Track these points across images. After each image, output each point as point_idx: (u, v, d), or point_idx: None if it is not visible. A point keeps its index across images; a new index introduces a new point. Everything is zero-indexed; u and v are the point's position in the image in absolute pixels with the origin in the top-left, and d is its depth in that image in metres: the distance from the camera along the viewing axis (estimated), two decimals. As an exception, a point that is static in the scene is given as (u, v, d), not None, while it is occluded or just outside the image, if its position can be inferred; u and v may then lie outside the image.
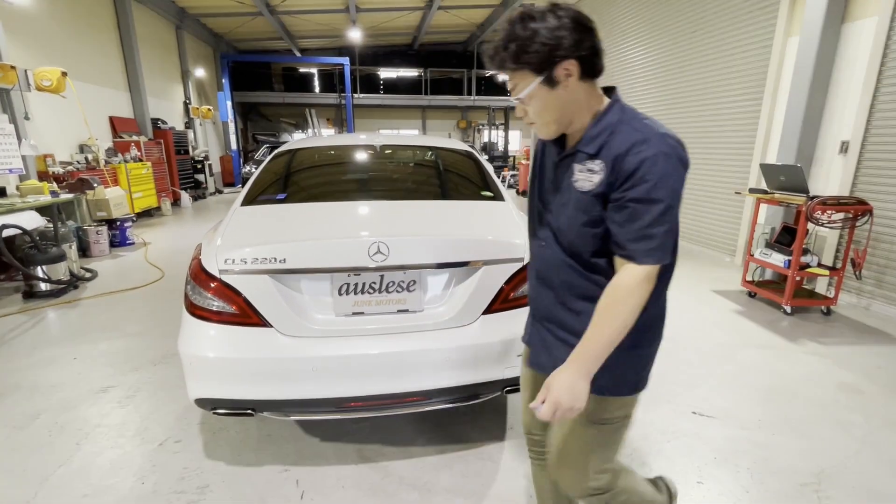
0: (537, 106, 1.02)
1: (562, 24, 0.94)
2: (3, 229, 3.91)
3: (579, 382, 1.00)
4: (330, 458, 2.04)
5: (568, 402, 1.00)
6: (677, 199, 0.96)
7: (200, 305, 1.78)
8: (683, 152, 0.97)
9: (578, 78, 0.98)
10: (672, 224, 0.96)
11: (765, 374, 2.81)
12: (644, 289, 0.97)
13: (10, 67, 5.48)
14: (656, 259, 0.96)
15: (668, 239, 0.97)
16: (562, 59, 0.95)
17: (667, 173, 0.94)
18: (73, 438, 2.18)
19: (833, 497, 1.84)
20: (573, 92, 1.00)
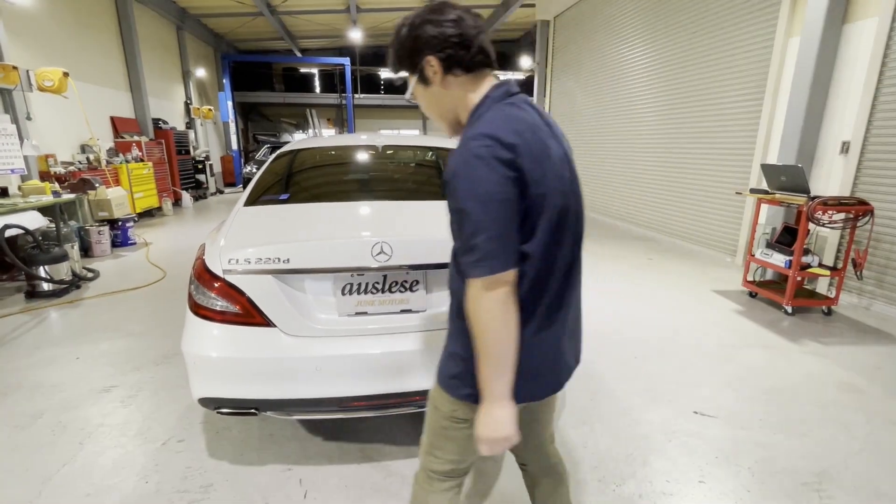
0: (422, 104, 1.08)
1: (422, 20, 0.98)
2: (6, 229, 3.93)
3: (491, 412, 0.97)
4: (333, 458, 2.05)
5: (491, 434, 0.97)
6: (491, 203, 0.88)
7: (204, 305, 1.79)
8: (501, 150, 0.89)
9: (444, 73, 1.00)
10: (493, 231, 0.89)
11: (766, 374, 2.81)
12: (488, 300, 0.91)
13: (11, 68, 5.49)
14: (484, 270, 0.90)
15: (492, 246, 0.89)
16: (423, 55, 0.99)
17: (473, 178, 0.89)
18: (76, 438, 2.19)
19: (835, 497, 1.85)
20: (447, 88, 1.01)
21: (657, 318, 3.68)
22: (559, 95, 10.01)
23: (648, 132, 6.84)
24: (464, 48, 0.98)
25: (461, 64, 0.99)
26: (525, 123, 0.94)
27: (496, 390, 0.96)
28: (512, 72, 19.23)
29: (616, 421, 2.33)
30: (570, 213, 1.00)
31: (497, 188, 0.89)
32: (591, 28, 8.38)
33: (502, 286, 0.92)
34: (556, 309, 1.04)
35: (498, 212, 0.89)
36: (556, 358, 1.08)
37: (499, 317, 0.92)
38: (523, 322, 0.98)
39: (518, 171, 0.90)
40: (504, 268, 0.91)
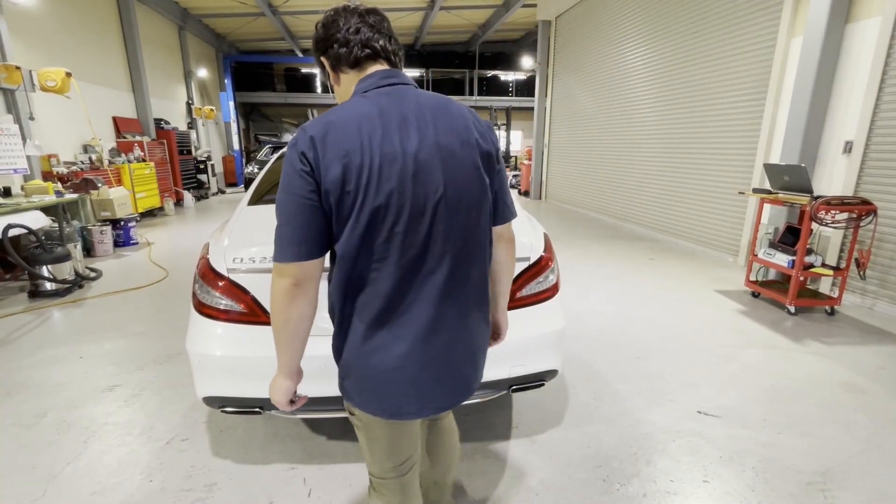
0: (336, 99, 1.12)
1: (319, 24, 1.06)
2: (9, 229, 3.94)
3: (276, 377, 1.08)
4: (336, 457, 2.05)
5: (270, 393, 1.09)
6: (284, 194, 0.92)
7: (208, 304, 1.79)
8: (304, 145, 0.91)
9: (334, 71, 1.06)
10: (282, 220, 0.93)
11: (769, 374, 2.81)
12: (275, 284, 0.95)
13: (15, 68, 5.51)
14: (274, 255, 0.94)
15: (279, 235, 0.94)
16: (318, 56, 1.08)
17: (283, 168, 0.94)
18: (81, 436, 2.19)
19: (839, 497, 1.85)
20: (340, 84, 1.08)
21: (659, 318, 3.68)
22: (561, 95, 10.01)
23: (650, 132, 6.83)
24: (343, 45, 1.02)
25: (343, 61, 1.03)
26: (351, 116, 0.93)
27: (279, 361, 1.04)
28: (513, 72, 19.26)
29: (619, 421, 2.33)
30: (401, 218, 0.93)
31: (287, 180, 0.92)
32: (592, 28, 8.37)
33: (287, 276, 0.93)
34: (391, 322, 0.98)
35: (288, 204, 0.92)
36: (391, 378, 1.00)
37: (279, 303, 0.95)
38: (349, 331, 1.01)
39: (310, 166, 0.90)
40: (284, 258, 0.92)
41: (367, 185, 0.90)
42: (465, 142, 1.00)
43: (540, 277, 1.93)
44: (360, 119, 0.93)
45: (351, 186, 0.90)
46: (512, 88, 19.63)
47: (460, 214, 0.99)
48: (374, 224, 0.93)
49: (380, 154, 0.91)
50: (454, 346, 1.03)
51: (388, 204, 0.92)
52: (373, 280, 0.96)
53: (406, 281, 0.97)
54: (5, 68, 5.46)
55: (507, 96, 19.31)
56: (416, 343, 0.99)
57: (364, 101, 0.96)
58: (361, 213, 0.91)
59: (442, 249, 0.98)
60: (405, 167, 0.93)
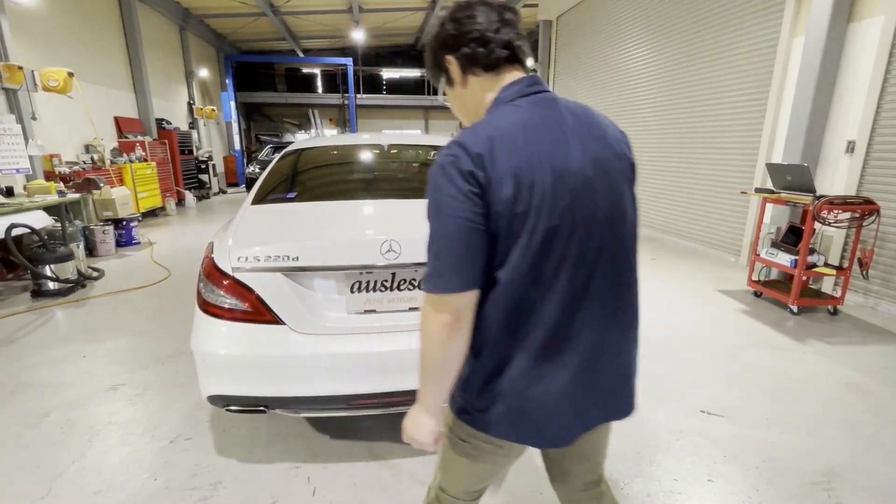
0: (451, 105, 1.04)
1: (446, 19, 0.94)
2: (12, 228, 3.94)
3: (417, 415, 0.96)
4: (341, 456, 2.05)
5: (409, 431, 0.97)
6: (443, 218, 0.82)
7: (213, 303, 1.79)
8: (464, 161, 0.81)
9: (463, 73, 0.94)
10: (441, 247, 0.83)
11: (772, 374, 2.81)
12: (431, 319, 0.85)
13: (17, 68, 5.52)
14: (430, 287, 0.84)
15: (438, 264, 0.83)
16: (444, 55, 0.95)
17: (434, 188, 0.84)
18: (85, 435, 2.19)
19: (843, 496, 1.85)
20: (468, 88, 0.96)
21: (662, 318, 3.68)
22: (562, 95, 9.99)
23: (652, 132, 6.83)
24: (482, 45, 0.90)
25: (479, 62, 0.92)
26: (513, 127, 0.84)
27: (426, 399, 0.94)
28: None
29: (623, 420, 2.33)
30: (573, 239, 0.86)
31: (449, 202, 0.81)
32: (593, 28, 8.37)
33: (448, 310, 0.84)
34: (557, 350, 0.90)
35: (449, 228, 0.82)
36: (554, 408, 0.92)
37: (438, 341, 0.86)
38: (506, 360, 0.90)
39: (480, 186, 0.81)
40: (447, 289, 0.83)
41: (540, 204, 0.82)
42: (618, 154, 0.92)
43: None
44: (523, 131, 0.84)
45: (523, 206, 0.82)
46: (513, 88, 19.59)
47: (619, 233, 0.92)
48: (546, 247, 0.84)
49: (550, 170, 0.83)
50: (614, 370, 0.98)
51: (562, 225, 0.84)
52: (539, 307, 0.87)
53: (573, 307, 0.89)
54: (7, 68, 5.47)
55: (507, 96, 19.28)
56: (581, 371, 0.92)
57: (518, 110, 0.88)
58: (534, 235, 0.83)
59: (605, 271, 0.91)
60: (575, 183, 0.85)
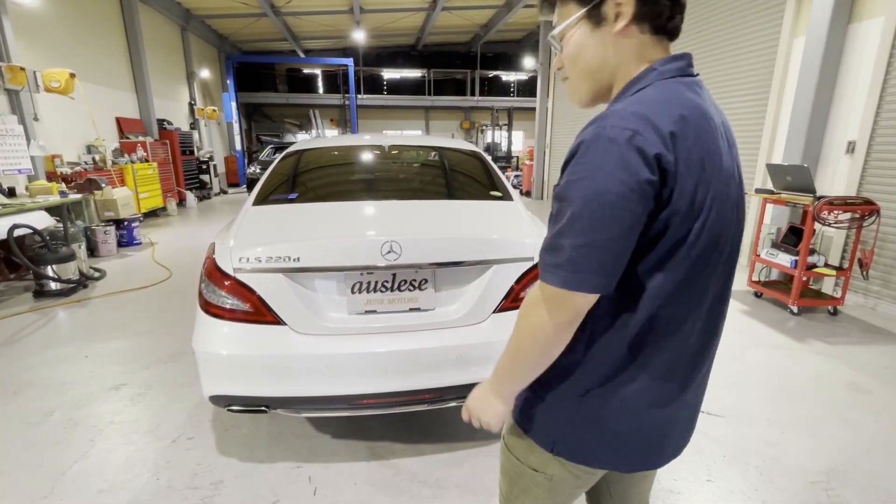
0: (573, 49, 0.77)
1: None
2: (15, 229, 3.95)
3: (488, 396, 0.87)
4: (342, 455, 2.06)
5: (476, 411, 0.89)
6: (600, 203, 0.66)
7: (215, 303, 1.80)
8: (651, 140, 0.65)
9: (631, 21, 0.72)
10: (587, 238, 0.67)
11: (772, 374, 2.81)
12: (545, 316, 0.72)
13: (19, 69, 5.54)
14: (559, 280, 0.69)
15: (579, 256, 0.68)
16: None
17: (590, 164, 0.67)
18: (88, 435, 2.21)
19: (843, 496, 1.85)
20: (622, 39, 0.74)
21: (662, 318, 3.68)
22: (562, 96, 10.01)
23: (652, 132, 6.83)
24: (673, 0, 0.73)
25: (656, 17, 0.73)
26: (698, 111, 0.70)
27: (504, 388, 0.85)
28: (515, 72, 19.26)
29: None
30: (724, 248, 0.76)
31: (617, 187, 0.65)
32: (594, 28, 8.37)
33: (568, 309, 0.71)
34: (680, 373, 0.80)
35: (607, 220, 0.66)
36: (661, 433, 0.84)
37: (546, 340, 0.74)
38: (625, 380, 0.78)
39: (664, 174, 0.66)
40: (579, 287, 0.69)
41: (711, 205, 0.70)
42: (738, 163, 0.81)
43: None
44: (704, 118, 0.71)
45: (699, 205, 0.69)
46: (513, 89, 19.64)
47: (735, 258, 0.82)
48: (706, 256, 0.73)
49: (721, 167, 0.72)
50: (702, 394, 0.91)
51: (723, 233, 0.74)
52: (680, 322, 0.76)
53: (705, 326, 0.80)
54: (10, 69, 5.49)
55: (508, 97, 19.32)
56: (693, 392, 0.85)
57: (690, 91, 0.72)
58: (699, 240, 0.71)
59: (725, 291, 0.82)
60: (737, 192, 0.76)
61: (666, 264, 0.72)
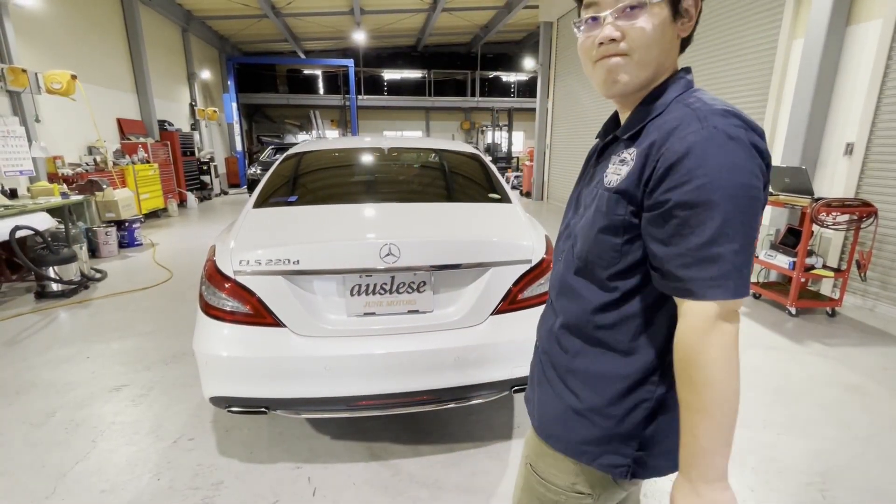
0: (650, 30, 0.73)
1: None
2: (17, 230, 3.98)
3: (707, 493, 0.68)
4: (341, 456, 2.08)
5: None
6: (748, 202, 0.65)
7: (215, 305, 1.82)
8: (756, 136, 0.67)
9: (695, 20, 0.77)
10: (744, 239, 0.65)
11: (770, 375, 2.83)
12: (723, 335, 0.67)
13: (21, 71, 5.56)
14: (729, 290, 0.65)
15: (741, 261, 0.65)
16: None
17: (725, 164, 0.64)
18: (89, 435, 2.23)
19: (838, 497, 1.87)
20: (675, 43, 0.77)
21: (661, 319, 3.70)
22: (563, 97, 10.02)
23: (652, 133, 6.84)
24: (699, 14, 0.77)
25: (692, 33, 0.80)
26: None
27: (720, 465, 0.67)
28: (515, 73, 19.28)
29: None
30: None
31: (756, 182, 0.66)
32: (594, 29, 8.39)
33: (737, 318, 0.68)
34: None
35: (753, 215, 0.66)
36: None
37: (732, 361, 0.67)
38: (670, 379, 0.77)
39: (768, 167, 0.70)
40: (747, 291, 0.67)
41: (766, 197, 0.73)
42: None
43: (541, 280, 1.96)
44: None
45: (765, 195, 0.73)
46: (514, 90, 19.67)
47: None
48: None
49: None
50: None
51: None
52: None
53: None
54: (11, 71, 5.51)
55: (508, 97, 19.34)
56: None
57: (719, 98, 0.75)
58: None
59: None
60: None
61: None
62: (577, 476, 0.85)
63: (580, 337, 0.83)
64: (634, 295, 0.77)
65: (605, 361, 0.80)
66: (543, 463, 0.89)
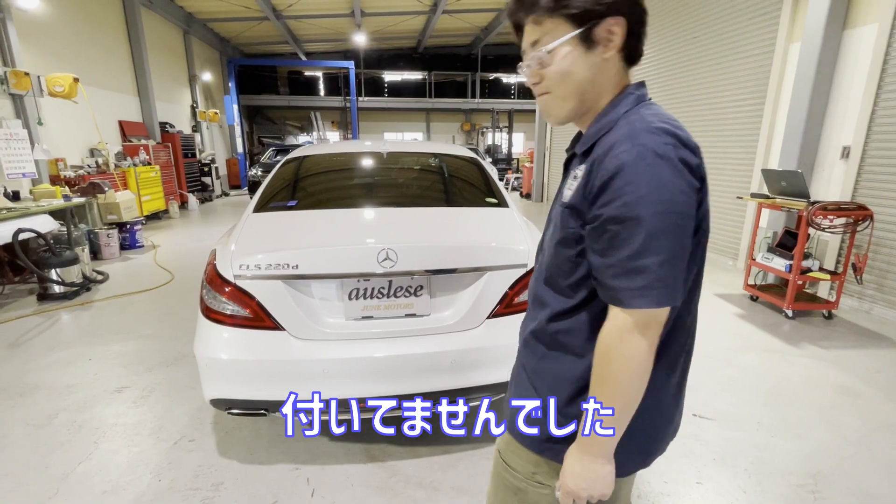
0: (561, 68, 0.79)
1: None
2: (19, 233, 4.02)
3: (591, 464, 0.80)
4: (339, 458, 2.10)
5: (583, 489, 0.80)
6: (674, 216, 0.70)
7: (215, 309, 1.85)
8: (686, 152, 0.72)
9: (619, 48, 0.78)
10: (669, 252, 0.70)
11: (765, 378, 2.85)
12: (637, 341, 0.73)
13: (24, 74, 5.61)
14: (650, 300, 0.71)
15: (665, 272, 0.70)
16: (609, 13, 0.75)
17: (652, 181, 0.69)
18: (92, 437, 2.26)
19: (828, 498, 1.89)
20: (607, 65, 0.79)
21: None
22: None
23: (651, 136, 6.87)
24: (642, 29, 0.81)
25: (634, 49, 0.81)
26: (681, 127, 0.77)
27: (606, 446, 0.79)
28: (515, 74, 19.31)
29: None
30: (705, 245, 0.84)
31: (683, 198, 0.70)
32: (593, 32, 8.42)
33: (657, 327, 0.74)
34: (686, 358, 0.90)
35: (681, 230, 0.71)
36: (670, 418, 0.91)
37: (641, 366, 0.74)
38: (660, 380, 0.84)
39: (702, 181, 0.74)
40: (672, 301, 0.73)
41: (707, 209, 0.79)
42: None
43: (537, 283, 1.98)
44: None
45: (705, 209, 0.78)
46: (514, 91, 19.70)
47: None
48: (702, 254, 0.81)
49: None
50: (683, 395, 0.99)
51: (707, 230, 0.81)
52: (689, 317, 0.86)
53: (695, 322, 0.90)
54: (14, 74, 5.56)
55: (509, 99, 19.39)
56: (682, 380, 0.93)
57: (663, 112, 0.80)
58: (703, 240, 0.80)
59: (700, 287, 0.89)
60: None
61: (694, 262, 0.79)
62: (536, 466, 0.91)
63: (544, 341, 0.89)
64: (588, 302, 0.83)
65: (563, 363, 0.86)
66: (509, 451, 0.95)
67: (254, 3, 10.87)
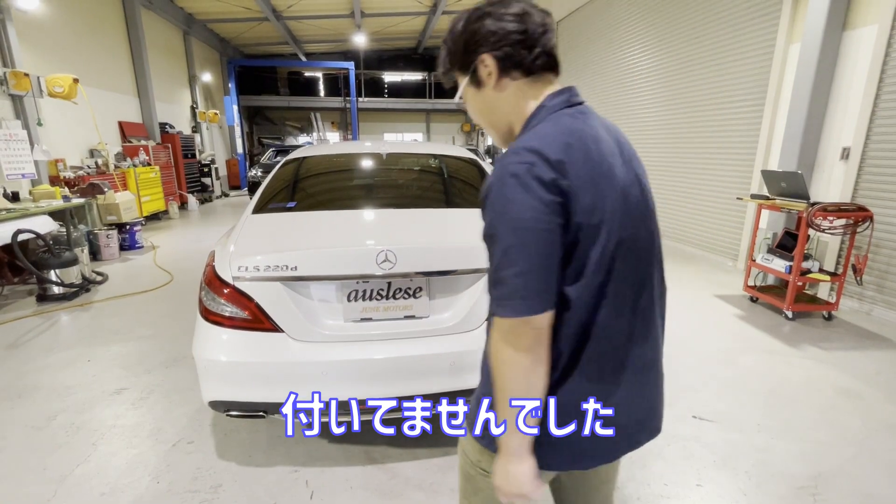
0: (471, 109, 0.95)
1: (481, 14, 0.86)
2: (19, 234, 4.01)
3: (507, 464, 0.85)
4: (338, 460, 2.10)
5: (510, 486, 0.86)
6: (524, 231, 0.75)
7: (214, 311, 1.84)
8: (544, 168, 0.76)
9: (499, 74, 0.86)
10: (523, 265, 0.75)
11: (765, 379, 2.85)
12: (509, 347, 0.78)
13: (23, 75, 5.60)
14: (510, 310, 0.76)
15: (521, 283, 0.76)
16: (478, 53, 0.86)
17: (504, 200, 0.76)
18: (90, 439, 2.25)
19: (829, 500, 1.89)
20: (502, 91, 0.88)
21: (658, 323, 3.72)
22: (562, 99, 10.03)
23: (651, 136, 6.87)
24: (526, 48, 0.85)
25: (520, 65, 0.86)
26: (582, 137, 0.81)
27: (510, 444, 0.84)
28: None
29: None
30: (636, 250, 0.85)
31: (531, 214, 0.75)
32: (594, 33, 8.43)
33: (529, 333, 0.78)
34: (615, 369, 0.88)
35: (532, 243, 0.75)
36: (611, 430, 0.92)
37: (519, 369, 0.79)
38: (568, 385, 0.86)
39: (563, 195, 0.76)
40: (532, 311, 0.76)
41: (612, 216, 0.80)
42: (643, 174, 0.91)
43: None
44: (593, 142, 0.81)
45: (598, 218, 0.79)
46: (514, 91, 19.66)
47: (657, 252, 0.92)
48: (615, 262, 0.82)
49: (620, 182, 0.82)
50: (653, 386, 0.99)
51: (627, 239, 0.82)
52: (607, 325, 0.84)
53: (632, 325, 0.88)
54: (14, 75, 5.55)
55: (509, 99, 19.34)
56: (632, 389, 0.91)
57: (576, 121, 0.83)
58: (606, 249, 0.80)
59: (650, 290, 0.90)
60: (639, 198, 0.86)
61: (584, 274, 0.80)
62: (481, 455, 0.97)
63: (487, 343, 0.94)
64: None
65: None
66: (466, 440, 1.02)
67: (254, 4, 10.88)
